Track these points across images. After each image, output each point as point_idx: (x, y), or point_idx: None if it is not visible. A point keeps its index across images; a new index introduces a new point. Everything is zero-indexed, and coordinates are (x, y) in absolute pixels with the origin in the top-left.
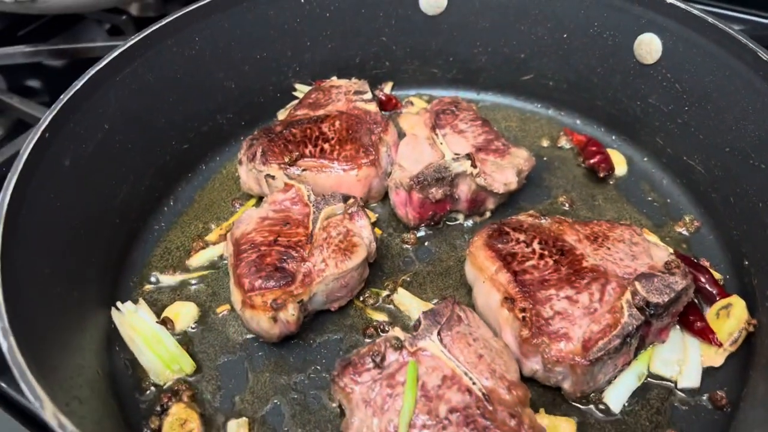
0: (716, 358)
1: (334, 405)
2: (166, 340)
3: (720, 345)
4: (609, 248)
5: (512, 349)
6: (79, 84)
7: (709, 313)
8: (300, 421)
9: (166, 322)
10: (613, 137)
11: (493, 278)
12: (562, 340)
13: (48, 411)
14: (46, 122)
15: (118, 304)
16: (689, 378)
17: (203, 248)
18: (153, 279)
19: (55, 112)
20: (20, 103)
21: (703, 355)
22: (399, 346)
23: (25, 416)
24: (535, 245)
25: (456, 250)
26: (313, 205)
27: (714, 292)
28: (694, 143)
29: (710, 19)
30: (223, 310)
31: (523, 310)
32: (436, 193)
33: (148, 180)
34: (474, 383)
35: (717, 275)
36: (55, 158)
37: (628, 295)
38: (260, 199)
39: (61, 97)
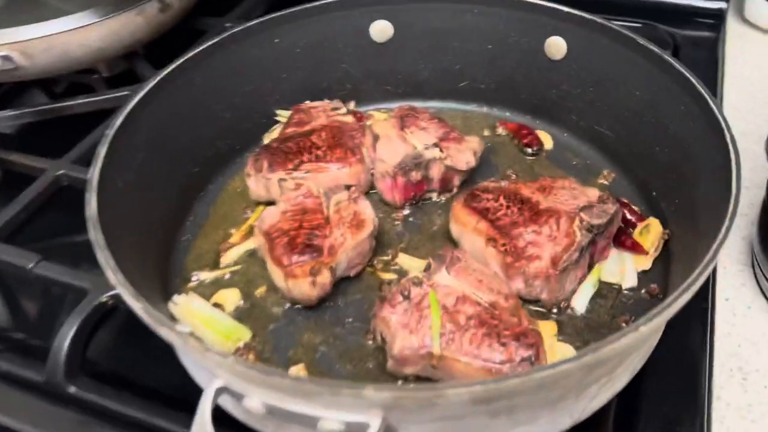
0: (645, 263)
1: (370, 342)
2: (221, 318)
3: (647, 253)
4: (555, 194)
5: (499, 276)
6: (117, 122)
7: (635, 233)
8: (347, 358)
9: (217, 305)
10: (537, 121)
11: (476, 228)
12: (536, 260)
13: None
14: (102, 154)
15: (174, 297)
16: (629, 280)
17: (230, 248)
18: (194, 277)
19: (106, 146)
20: (19, 158)
21: (635, 263)
22: (419, 283)
23: None
24: (501, 200)
25: (435, 220)
26: (324, 196)
27: (634, 219)
28: (600, 114)
29: (598, 19)
30: (261, 291)
31: (504, 245)
32: (416, 175)
33: (174, 200)
34: (480, 298)
35: (634, 207)
36: (113, 182)
37: (577, 222)
38: (268, 203)
39: (106, 132)
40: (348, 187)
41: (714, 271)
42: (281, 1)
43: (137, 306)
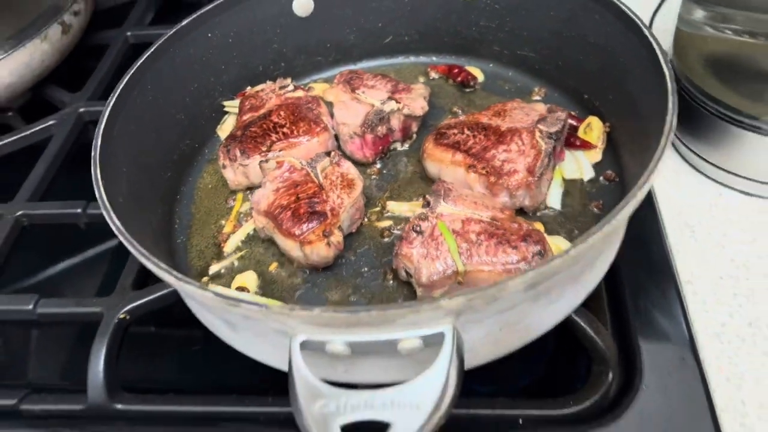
0: (596, 155)
1: (391, 282)
2: (251, 298)
3: (595, 147)
4: (510, 115)
5: (486, 195)
6: (98, 144)
7: (579, 133)
8: (377, 301)
9: (241, 289)
10: (463, 59)
11: (453, 161)
12: (515, 174)
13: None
14: (98, 175)
15: None
16: (588, 173)
17: (228, 238)
18: (205, 272)
19: (98, 167)
20: None
21: (588, 158)
22: (425, 217)
23: None
24: (466, 131)
25: (406, 167)
26: (308, 166)
27: (575, 122)
28: (522, 40)
29: None
30: (273, 267)
31: (484, 168)
32: (381, 129)
33: (159, 208)
34: (481, 216)
35: (572, 112)
36: (115, 199)
37: (537, 134)
38: (247, 188)
39: (93, 154)
40: (327, 154)
41: None
42: (168, 3)
43: (205, 294)
